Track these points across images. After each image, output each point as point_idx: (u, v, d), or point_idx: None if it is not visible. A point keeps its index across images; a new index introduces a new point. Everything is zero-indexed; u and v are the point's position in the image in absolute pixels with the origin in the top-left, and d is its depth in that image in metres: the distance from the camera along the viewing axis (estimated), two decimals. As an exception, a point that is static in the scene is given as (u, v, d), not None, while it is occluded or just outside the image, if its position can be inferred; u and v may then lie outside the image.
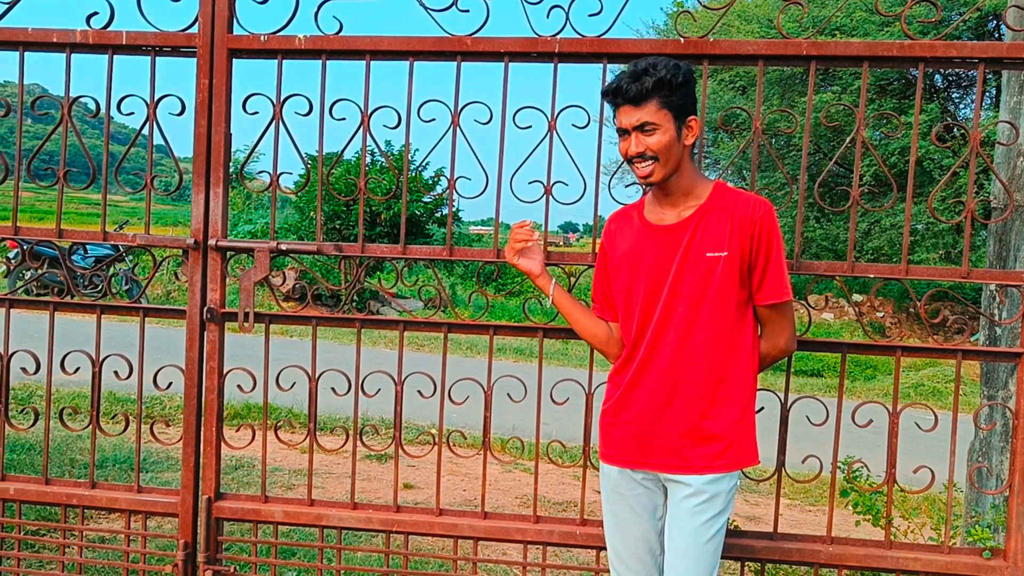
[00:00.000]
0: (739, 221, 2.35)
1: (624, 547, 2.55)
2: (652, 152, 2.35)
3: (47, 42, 3.13)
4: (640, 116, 2.33)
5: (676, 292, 2.39)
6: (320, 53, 3.02)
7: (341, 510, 3.18)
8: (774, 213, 2.40)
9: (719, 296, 2.37)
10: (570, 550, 4.54)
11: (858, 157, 2.90)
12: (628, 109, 2.35)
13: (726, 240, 2.35)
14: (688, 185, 2.43)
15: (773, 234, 2.37)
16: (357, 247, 3.08)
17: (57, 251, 3.35)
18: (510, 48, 2.94)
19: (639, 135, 2.35)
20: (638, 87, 2.31)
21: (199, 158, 3.07)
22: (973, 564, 2.91)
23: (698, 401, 2.40)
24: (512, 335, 3.21)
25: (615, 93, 2.36)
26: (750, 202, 2.38)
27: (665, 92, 2.32)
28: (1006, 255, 3.21)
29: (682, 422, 2.41)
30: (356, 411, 3.17)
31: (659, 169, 2.37)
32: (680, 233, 2.41)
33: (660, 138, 2.34)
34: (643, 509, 2.52)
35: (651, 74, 2.30)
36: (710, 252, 2.36)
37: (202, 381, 3.14)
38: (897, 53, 2.80)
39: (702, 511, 2.39)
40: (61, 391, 7.73)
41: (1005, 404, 3.09)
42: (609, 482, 2.57)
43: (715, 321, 2.38)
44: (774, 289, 2.39)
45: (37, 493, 3.27)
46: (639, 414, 2.46)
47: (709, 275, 2.36)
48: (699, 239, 2.38)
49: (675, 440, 2.42)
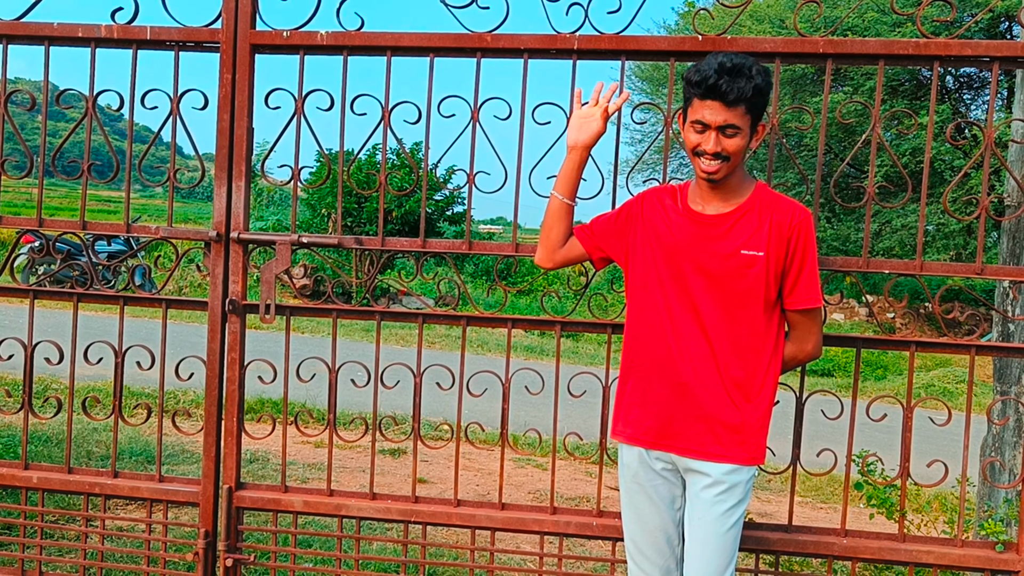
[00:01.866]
0: (777, 224, 2.37)
1: (643, 538, 2.57)
2: (727, 153, 2.32)
3: (72, 36, 3.17)
4: (728, 117, 2.28)
5: (709, 282, 2.41)
6: (342, 49, 3.06)
7: (360, 500, 3.22)
8: (812, 220, 2.43)
9: (750, 293, 2.39)
10: (586, 542, 4.58)
11: (873, 153, 2.92)
12: (717, 106, 2.27)
13: (763, 240, 2.37)
14: (737, 182, 2.43)
15: (810, 240, 2.40)
16: (377, 240, 3.12)
17: (81, 243, 3.40)
18: (529, 45, 2.98)
19: (720, 135, 2.30)
20: (738, 90, 2.25)
21: (221, 152, 3.12)
22: (985, 557, 2.93)
23: (722, 392, 2.42)
24: (530, 327, 3.27)
25: (711, 90, 2.26)
26: (790, 207, 2.41)
27: (756, 98, 2.29)
28: (1020, 252, 3.23)
29: (704, 409, 2.42)
30: (375, 400, 3.20)
31: (725, 169, 2.35)
32: (719, 225, 2.42)
33: (739, 142, 2.32)
34: (661, 500, 2.53)
35: (750, 78, 2.25)
36: (745, 250, 2.37)
37: (224, 372, 3.19)
38: (913, 51, 2.82)
39: (721, 501, 2.41)
40: (78, 384, 7.76)
41: (1018, 399, 3.12)
42: (628, 472, 2.58)
43: (744, 318, 2.40)
44: (807, 294, 2.41)
45: (60, 482, 3.32)
46: (661, 397, 2.47)
47: (743, 271, 2.37)
48: (736, 234, 2.39)
49: (696, 425, 2.44)
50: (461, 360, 3.13)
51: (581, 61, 3.00)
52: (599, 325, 3.12)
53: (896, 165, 2.99)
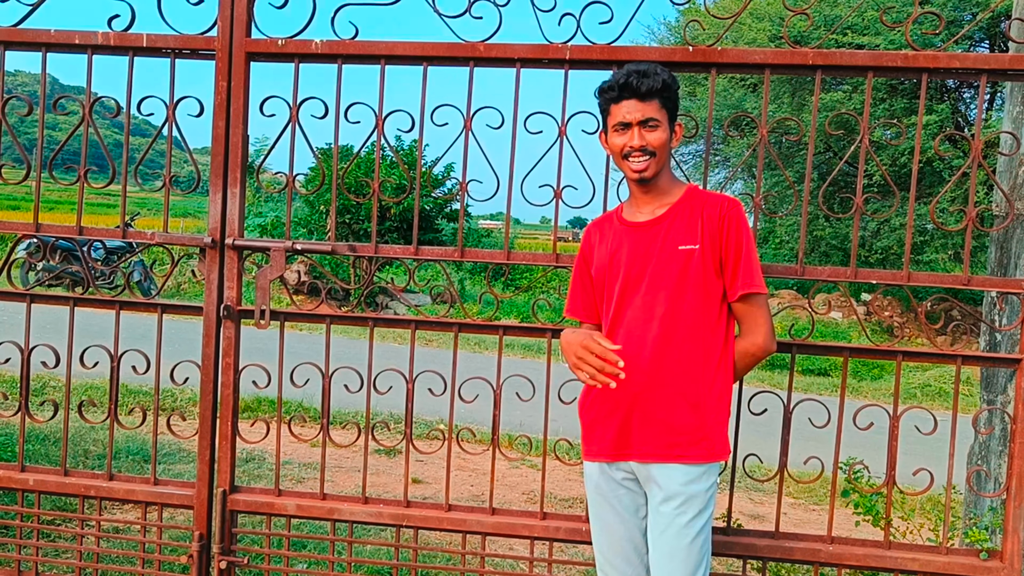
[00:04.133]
0: (708, 217, 2.44)
1: (610, 548, 2.59)
2: (652, 147, 2.45)
3: (69, 43, 3.20)
4: (645, 112, 2.44)
5: (652, 284, 2.46)
6: (336, 57, 3.09)
7: (352, 504, 3.25)
8: (742, 208, 2.49)
9: (693, 289, 2.43)
10: (576, 545, 4.60)
11: (861, 165, 2.95)
12: (634, 104, 2.44)
13: (697, 234, 2.43)
14: (666, 185, 2.54)
15: (742, 227, 2.45)
16: (370, 247, 3.15)
17: (76, 246, 3.43)
18: (522, 54, 3.01)
19: (642, 130, 2.45)
20: (649, 84, 2.42)
21: (217, 159, 3.14)
22: (970, 565, 2.97)
23: (674, 394, 2.43)
24: (521, 335, 3.29)
25: (623, 87, 2.44)
26: (719, 199, 2.48)
27: (666, 94, 2.46)
28: (1007, 262, 3.26)
29: (658, 414, 2.44)
30: (368, 408, 3.24)
31: (654, 165, 2.47)
32: (654, 228, 2.50)
33: (660, 135, 2.45)
34: (625, 510, 2.55)
35: (658, 74, 2.43)
36: (682, 245, 2.44)
37: (218, 377, 3.22)
38: (901, 64, 2.85)
39: (681, 512, 2.41)
40: (76, 383, 7.82)
41: (1004, 409, 3.15)
42: (591, 483, 2.61)
43: (691, 315, 2.44)
44: (745, 281, 2.44)
45: (56, 484, 3.36)
46: (616, 405, 2.49)
47: (683, 268, 2.43)
48: (672, 234, 2.46)
49: (651, 430, 2.45)
50: (453, 367, 3.15)
51: (573, 71, 3.03)
52: (590, 333, 3.14)
53: (884, 174, 3.01)
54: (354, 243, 3.23)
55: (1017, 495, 2.88)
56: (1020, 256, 3.15)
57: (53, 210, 30.42)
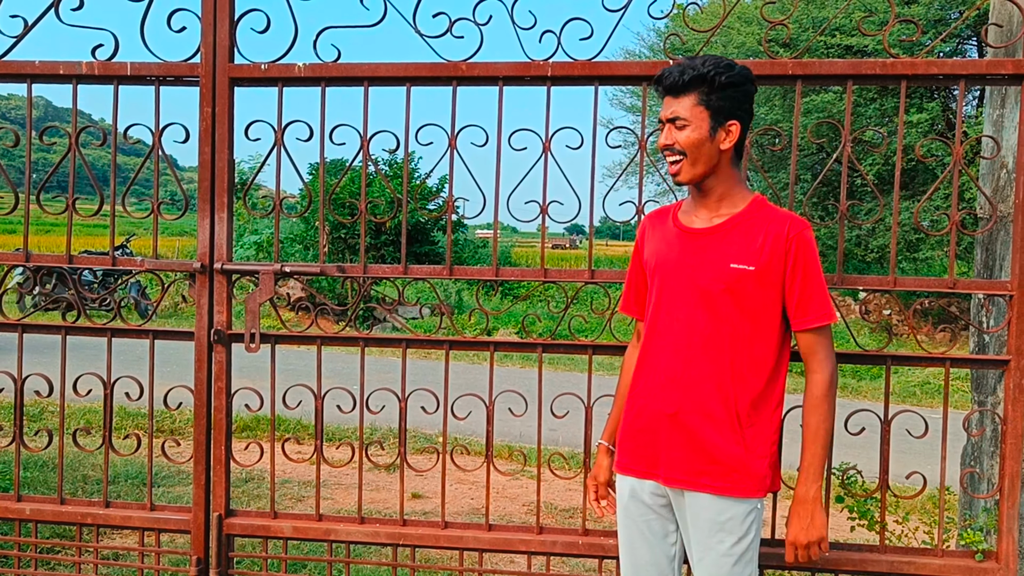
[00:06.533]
0: (774, 237, 2.28)
1: (633, 571, 2.51)
2: (680, 147, 2.31)
3: (54, 74, 3.21)
4: (675, 109, 2.30)
5: (701, 300, 2.32)
6: (319, 80, 3.11)
7: (349, 525, 3.26)
8: (811, 230, 2.33)
9: (745, 311, 2.29)
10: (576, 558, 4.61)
11: (844, 172, 2.97)
12: (668, 100, 2.32)
13: (756, 254, 2.27)
14: (724, 191, 2.37)
15: (810, 252, 2.30)
16: (359, 268, 3.17)
17: (67, 273, 3.44)
18: (504, 72, 3.02)
19: (671, 128, 2.32)
20: (675, 78, 2.28)
21: (203, 184, 3.16)
22: (966, 567, 2.97)
23: (714, 419, 2.31)
24: (513, 351, 3.30)
25: (658, 82, 2.34)
26: (787, 218, 2.32)
27: (704, 89, 2.27)
28: (992, 264, 3.28)
29: (695, 437, 2.32)
30: (361, 428, 3.25)
31: (687, 167, 2.32)
32: (707, 238, 2.35)
33: (690, 135, 2.29)
34: (653, 535, 2.47)
35: (694, 68, 2.26)
36: (735, 263, 2.28)
37: (211, 401, 3.22)
38: (880, 71, 2.87)
39: (720, 541, 2.31)
40: (72, 407, 7.83)
41: (994, 410, 3.16)
42: (620, 503, 2.53)
43: (737, 336, 2.30)
44: (819, 312, 2.31)
45: (53, 513, 3.36)
46: (648, 422, 2.40)
47: (733, 287, 2.28)
48: (726, 248, 2.31)
49: (685, 454, 2.34)
50: (445, 385, 3.16)
51: (555, 87, 3.04)
52: (581, 347, 3.15)
53: (865, 178, 3.03)
54: (343, 264, 3.24)
55: (1010, 496, 2.89)
56: (1005, 258, 3.16)
57: (49, 233, 30.43)
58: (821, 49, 16.46)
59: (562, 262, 34.63)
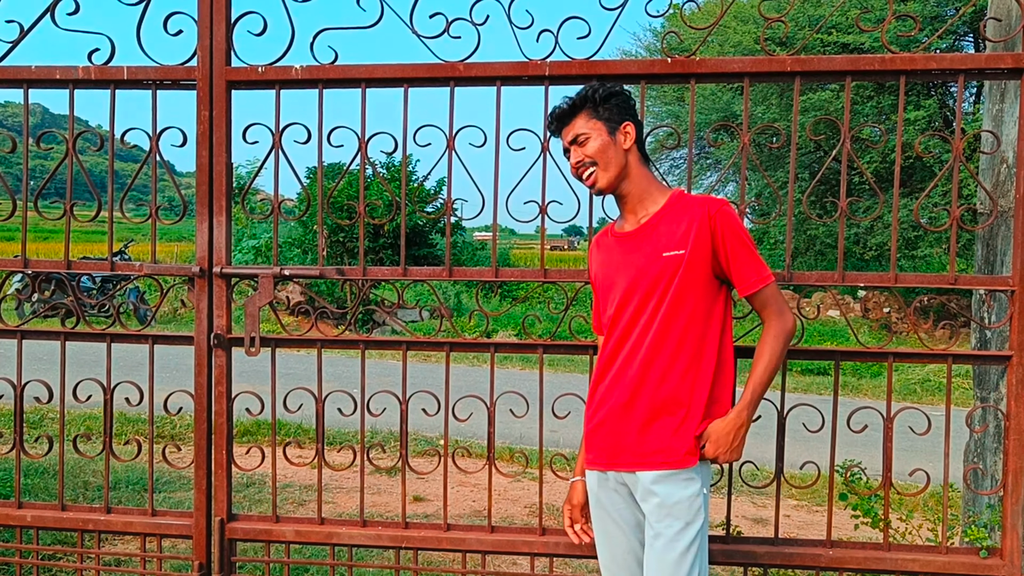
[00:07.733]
0: (699, 220, 2.41)
1: (612, 561, 2.58)
2: (590, 158, 2.51)
3: (50, 79, 3.20)
4: (572, 130, 2.54)
5: (640, 293, 2.45)
6: (317, 82, 3.10)
7: (351, 528, 3.25)
8: (728, 205, 2.46)
9: (682, 295, 2.41)
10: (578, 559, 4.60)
11: (844, 170, 2.96)
12: (564, 130, 2.58)
13: (684, 239, 2.41)
14: (642, 192, 2.55)
15: (733, 223, 2.43)
16: (358, 270, 3.16)
17: (66, 279, 3.43)
18: (501, 72, 3.02)
19: (576, 148, 2.55)
20: (564, 107, 2.56)
21: (201, 188, 3.15)
22: (970, 563, 2.96)
23: (659, 400, 2.42)
24: (513, 352, 3.29)
25: (549, 126, 2.65)
26: (703, 201, 2.47)
27: (590, 106, 2.53)
28: (993, 259, 3.27)
29: (644, 420, 2.44)
30: (363, 431, 3.24)
31: (601, 174, 2.52)
32: (639, 237, 2.51)
33: (593, 143, 2.51)
34: (625, 523, 2.55)
35: (575, 96, 2.55)
36: (667, 252, 2.42)
37: (211, 405, 3.21)
38: (878, 67, 2.86)
39: (667, 525, 2.37)
40: (72, 412, 7.82)
41: (996, 406, 3.15)
42: (592, 494, 2.62)
43: (679, 320, 2.42)
44: (755, 276, 2.43)
45: (54, 519, 3.35)
46: (608, 413, 2.51)
47: (669, 274, 2.41)
48: (655, 240, 2.46)
49: (636, 437, 2.45)
50: (446, 387, 3.15)
51: (553, 87, 3.03)
52: (581, 348, 3.14)
53: (865, 174, 3.02)
54: (342, 266, 3.23)
55: (1014, 492, 2.88)
56: (1006, 253, 3.15)
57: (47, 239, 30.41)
58: (818, 47, 16.47)
59: (561, 263, 34.68)
